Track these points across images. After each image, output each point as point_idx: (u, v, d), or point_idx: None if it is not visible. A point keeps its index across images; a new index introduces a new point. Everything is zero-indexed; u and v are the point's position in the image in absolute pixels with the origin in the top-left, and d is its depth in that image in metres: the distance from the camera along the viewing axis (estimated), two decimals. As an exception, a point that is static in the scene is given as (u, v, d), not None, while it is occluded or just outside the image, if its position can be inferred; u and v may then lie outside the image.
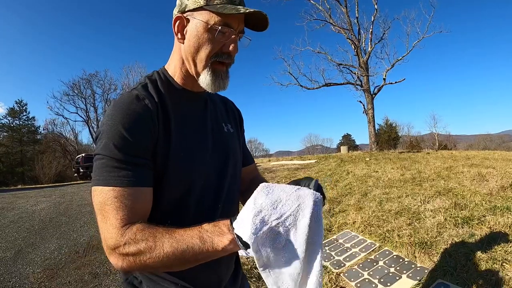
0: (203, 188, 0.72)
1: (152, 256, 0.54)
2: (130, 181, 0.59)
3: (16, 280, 2.80)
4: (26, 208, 6.21)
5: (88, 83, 30.05)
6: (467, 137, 62.05)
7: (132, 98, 0.65)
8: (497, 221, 2.54)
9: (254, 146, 49.22)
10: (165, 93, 0.71)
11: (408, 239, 2.51)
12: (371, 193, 4.40)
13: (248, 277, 2.29)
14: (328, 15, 16.47)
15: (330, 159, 11.35)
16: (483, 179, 4.20)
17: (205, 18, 0.66)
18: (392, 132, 27.77)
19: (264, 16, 0.67)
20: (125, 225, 0.57)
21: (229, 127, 0.85)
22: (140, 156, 0.62)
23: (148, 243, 0.54)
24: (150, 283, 0.71)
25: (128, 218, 0.58)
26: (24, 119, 29.20)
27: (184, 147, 0.69)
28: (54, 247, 3.69)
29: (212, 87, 0.70)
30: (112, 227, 0.57)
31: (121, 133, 0.60)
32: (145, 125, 0.63)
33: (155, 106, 0.67)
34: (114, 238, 0.56)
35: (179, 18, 0.69)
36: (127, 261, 0.55)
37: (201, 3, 0.66)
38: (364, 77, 15.97)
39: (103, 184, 0.59)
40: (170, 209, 0.68)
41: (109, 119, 0.62)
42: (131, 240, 0.55)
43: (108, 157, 0.60)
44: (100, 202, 0.58)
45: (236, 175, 0.83)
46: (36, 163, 23.42)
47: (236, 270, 0.87)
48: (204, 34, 0.67)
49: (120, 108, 0.63)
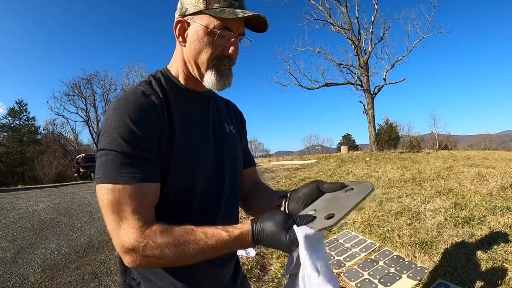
0: (204, 186, 0.72)
1: (175, 260, 0.57)
2: (142, 177, 0.59)
3: (16, 280, 2.80)
4: (26, 208, 6.21)
5: (88, 83, 30.04)
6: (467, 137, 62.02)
7: (138, 94, 0.65)
8: (497, 221, 2.54)
9: (254, 146, 49.27)
10: (169, 90, 0.72)
11: (408, 239, 2.51)
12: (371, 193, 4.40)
13: (249, 277, 2.29)
14: (328, 15, 16.49)
15: (330, 159, 11.35)
16: (483, 179, 4.20)
17: (205, 22, 0.67)
18: (392, 132, 27.74)
19: (263, 19, 0.67)
20: (144, 225, 0.57)
21: (231, 128, 0.85)
22: (149, 150, 0.62)
23: (171, 248, 0.56)
24: (148, 284, 0.71)
25: (145, 218, 0.58)
26: (24, 119, 29.21)
27: (187, 144, 0.69)
28: (54, 247, 3.69)
29: (218, 86, 0.70)
30: (130, 227, 0.56)
31: (129, 127, 0.59)
32: (152, 120, 0.63)
33: (160, 102, 0.67)
34: (133, 239, 0.56)
35: (180, 22, 0.70)
36: (146, 261, 0.57)
37: (201, 7, 0.66)
38: (364, 77, 15.98)
39: (113, 182, 0.57)
40: (172, 206, 0.68)
41: (115, 113, 0.61)
42: (153, 243, 0.56)
43: (116, 152, 0.58)
44: (111, 201, 0.57)
45: (237, 175, 0.83)
46: (36, 163, 23.42)
47: (236, 271, 0.86)
48: (204, 38, 0.67)
49: (126, 103, 0.62)
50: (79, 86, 29.51)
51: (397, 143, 26.69)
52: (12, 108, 28.73)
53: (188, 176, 0.68)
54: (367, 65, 16.27)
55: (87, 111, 30.26)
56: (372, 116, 15.72)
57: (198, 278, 0.72)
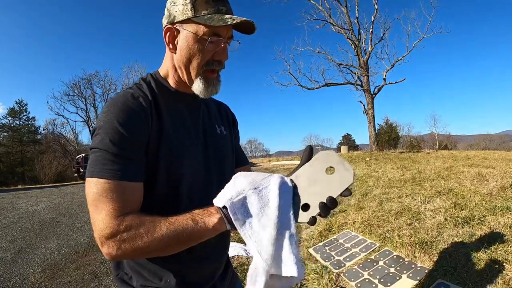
0: (191, 185, 0.74)
1: (149, 238, 0.57)
2: (123, 175, 0.62)
3: (16, 280, 2.80)
4: (26, 208, 6.21)
5: (88, 83, 30.09)
6: (467, 137, 62.04)
7: (127, 96, 0.68)
8: (497, 221, 2.54)
9: (254, 146, 49.25)
10: (158, 93, 0.75)
11: (408, 239, 2.51)
12: (371, 193, 4.40)
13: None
14: (328, 15, 16.49)
15: (330, 159, 11.32)
16: (483, 179, 4.20)
17: (194, 29, 0.68)
18: (392, 132, 27.76)
19: (251, 23, 0.69)
20: (121, 215, 0.59)
21: (222, 129, 0.88)
22: (134, 151, 0.65)
23: (145, 226, 0.57)
24: (139, 278, 0.73)
25: (122, 209, 0.60)
26: (24, 119, 29.23)
27: (174, 145, 0.72)
28: (54, 247, 3.69)
29: (205, 93, 0.73)
30: (109, 217, 0.58)
31: (116, 128, 0.63)
32: (139, 121, 0.66)
33: (149, 104, 0.70)
34: (111, 227, 0.57)
35: (169, 30, 0.71)
36: (123, 247, 0.57)
37: (189, 15, 0.67)
38: (364, 77, 15.98)
39: (97, 176, 0.61)
40: (160, 205, 0.70)
41: (106, 115, 0.65)
42: (128, 226, 0.57)
43: (103, 151, 0.62)
44: (94, 193, 0.60)
45: (226, 174, 0.85)
46: (36, 163, 23.43)
47: (225, 268, 0.88)
48: (194, 45, 0.69)
49: (115, 105, 0.66)
50: (79, 86, 29.59)
51: (397, 143, 26.70)
52: (12, 108, 28.76)
53: (175, 175, 0.71)
54: (367, 65, 16.27)
55: (87, 111, 30.37)
56: (372, 116, 15.72)
57: (188, 273, 0.75)
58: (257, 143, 50.54)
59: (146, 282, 0.73)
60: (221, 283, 0.85)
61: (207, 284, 0.80)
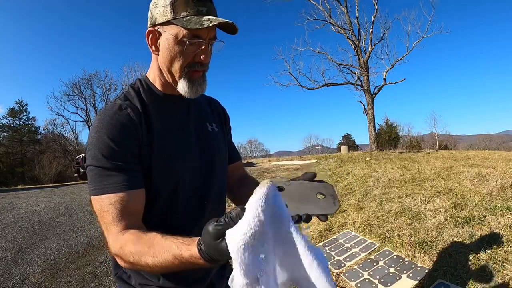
0: (189, 187, 0.75)
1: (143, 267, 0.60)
2: (121, 186, 0.64)
3: (17, 280, 2.80)
4: (26, 208, 6.21)
5: (88, 83, 29.96)
6: (467, 137, 62.00)
7: (115, 109, 0.70)
8: (497, 221, 2.54)
9: (254, 146, 49.16)
10: (147, 99, 0.76)
11: (408, 239, 2.51)
12: (371, 193, 4.40)
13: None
14: (328, 15, 16.48)
15: (330, 159, 11.36)
16: (483, 179, 4.20)
17: (174, 31, 0.68)
18: (392, 132, 27.71)
19: (231, 24, 0.68)
20: (120, 232, 0.63)
21: (213, 126, 0.88)
22: (128, 162, 0.67)
23: (134, 257, 0.59)
24: (138, 277, 0.76)
25: (123, 224, 0.63)
26: (24, 119, 29.18)
27: (167, 149, 0.73)
28: (54, 247, 3.69)
29: (191, 93, 0.74)
30: (109, 234, 0.64)
31: (107, 143, 0.65)
32: (129, 133, 0.68)
33: (137, 113, 0.71)
34: (112, 246, 0.63)
35: (151, 32, 0.72)
36: (127, 265, 0.63)
37: (169, 17, 0.68)
38: (364, 77, 15.98)
39: (99, 193, 0.64)
40: (159, 207, 0.72)
41: (95, 131, 0.67)
42: (127, 253, 0.60)
43: (98, 167, 0.65)
44: (98, 210, 0.64)
45: (222, 172, 0.87)
46: (36, 163, 23.41)
47: (223, 265, 0.89)
48: (175, 47, 0.70)
49: (104, 120, 0.68)
50: (79, 86, 29.47)
51: (397, 143, 26.66)
52: (12, 108, 28.72)
53: (170, 177, 0.72)
54: (367, 65, 16.26)
55: (87, 111, 30.30)
56: (372, 116, 15.72)
57: (185, 271, 0.75)
58: (257, 143, 50.46)
59: (145, 281, 0.75)
60: (219, 279, 0.86)
61: (204, 281, 0.81)
